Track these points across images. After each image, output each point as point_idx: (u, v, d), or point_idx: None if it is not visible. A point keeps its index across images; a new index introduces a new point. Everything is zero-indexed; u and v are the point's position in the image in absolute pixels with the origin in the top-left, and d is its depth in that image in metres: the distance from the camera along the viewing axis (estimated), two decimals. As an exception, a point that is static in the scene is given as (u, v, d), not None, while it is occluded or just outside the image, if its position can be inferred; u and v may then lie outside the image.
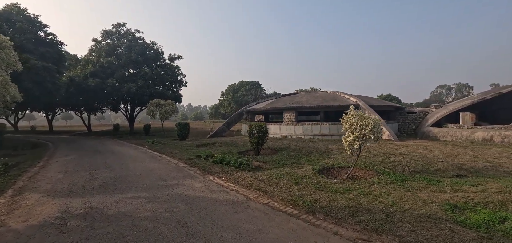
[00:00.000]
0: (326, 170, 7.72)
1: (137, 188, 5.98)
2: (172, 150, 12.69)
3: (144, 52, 27.34)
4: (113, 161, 9.83)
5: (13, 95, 10.91)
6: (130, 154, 11.79)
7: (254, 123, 11.26)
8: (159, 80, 27.60)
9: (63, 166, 9.11)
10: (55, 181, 6.87)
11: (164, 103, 21.18)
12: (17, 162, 10.25)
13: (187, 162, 9.33)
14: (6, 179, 7.11)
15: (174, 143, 16.01)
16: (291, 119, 19.59)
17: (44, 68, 16.01)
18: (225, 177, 7.01)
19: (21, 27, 17.24)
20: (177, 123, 18.53)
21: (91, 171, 8.08)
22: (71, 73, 25.06)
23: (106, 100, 27.58)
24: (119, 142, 18.83)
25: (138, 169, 8.31)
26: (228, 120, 23.16)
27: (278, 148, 12.34)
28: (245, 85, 70.01)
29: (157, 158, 10.52)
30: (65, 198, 5.35)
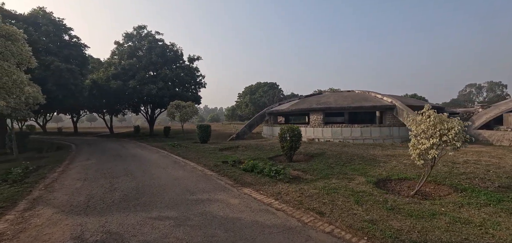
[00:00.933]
0: (383, 183, 6.38)
1: (162, 204, 5.02)
2: (195, 154, 11.82)
3: (164, 53, 27.09)
4: (134, 167, 9.07)
5: (35, 97, 10.56)
6: (152, 159, 11.04)
7: (285, 125, 10.09)
8: (179, 82, 27.24)
9: (83, 172, 8.45)
10: (73, 191, 6.10)
11: (185, 104, 20.58)
12: (38, 166, 9.82)
13: (214, 169, 8.33)
14: (22, 187, 6.48)
15: (196, 146, 15.20)
16: (318, 121, 18.18)
17: (67, 70, 15.89)
18: (263, 190, 5.89)
19: (47, 30, 17.33)
20: (198, 124, 17.77)
21: (111, 179, 7.30)
22: (94, 76, 25.29)
23: (127, 102, 27.63)
24: (140, 144, 18.40)
25: (162, 177, 7.42)
26: (249, 123, 22.16)
27: (311, 153, 11.08)
28: (262, 86, 68.97)
29: (181, 164, 9.65)
30: (80, 216, 4.48)
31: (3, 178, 7.66)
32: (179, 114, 20.43)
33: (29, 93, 9.96)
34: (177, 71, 26.90)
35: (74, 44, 19.65)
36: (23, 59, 5.92)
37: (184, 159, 10.77)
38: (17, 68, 6.17)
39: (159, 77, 25.45)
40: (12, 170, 8.82)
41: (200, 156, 11.19)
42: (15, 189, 6.28)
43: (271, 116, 22.48)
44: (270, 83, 70.70)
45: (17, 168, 8.85)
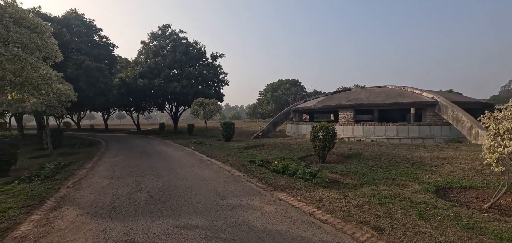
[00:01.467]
0: (443, 192, 5.37)
1: (190, 209, 4.53)
2: (220, 153, 11.41)
3: (188, 51, 27.27)
4: (160, 165, 8.82)
5: (67, 94, 10.78)
6: (177, 157, 10.80)
7: (318, 123, 9.26)
8: (202, 79, 27.27)
9: (110, 169, 8.36)
10: (99, 190, 5.87)
11: (208, 102, 20.40)
12: (70, 162, 9.99)
13: (242, 170, 7.77)
14: (52, 184, 6.41)
15: (220, 144, 14.84)
16: (348, 119, 16.97)
17: (97, 69, 16.37)
18: (300, 196, 5.19)
19: (78, 31, 18.03)
20: (222, 122, 17.45)
21: (137, 177, 7.04)
22: (122, 74, 26.14)
23: (152, 100, 28.28)
24: (165, 141, 18.54)
25: (188, 177, 7.01)
26: (274, 120, 21.44)
27: (345, 153, 10.13)
28: (284, 83, 67.75)
29: (206, 163, 9.24)
30: (104, 220, 4.12)
31: (36, 173, 7.76)
32: (203, 112, 20.30)
33: (60, 90, 10.17)
34: (200, 69, 26.94)
35: (104, 44, 20.34)
36: (49, 53, 5.82)
37: (210, 157, 10.37)
38: (44, 63, 6.10)
39: (183, 75, 25.64)
40: (46, 165, 9.01)
41: (226, 155, 10.73)
42: (45, 186, 6.20)
43: (296, 114, 21.57)
44: (292, 80, 69.22)
45: (50, 164, 9.02)
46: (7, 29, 4.69)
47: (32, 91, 5.96)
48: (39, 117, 15.07)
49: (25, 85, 5.43)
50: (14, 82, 5.16)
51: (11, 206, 4.80)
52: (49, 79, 5.99)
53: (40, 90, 6.16)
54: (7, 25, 4.70)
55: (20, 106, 9.74)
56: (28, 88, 5.67)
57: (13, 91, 6.10)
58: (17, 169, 8.91)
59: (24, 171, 8.75)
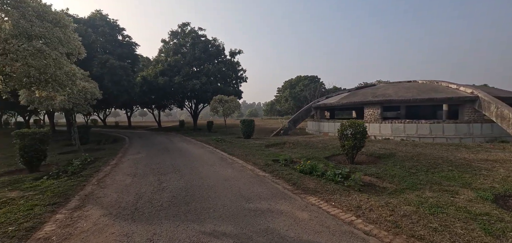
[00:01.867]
0: (503, 200, 4.61)
1: (216, 213, 4.21)
2: (241, 151, 11.10)
3: (207, 49, 27.31)
4: (181, 163, 8.67)
5: (92, 92, 11.00)
6: (198, 154, 10.65)
7: (347, 120, 8.61)
8: (221, 77, 27.22)
9: (133, 166, 8.33)
10: (122, 188, 5.76)
11: (227, 99, 20.23)
12: (95, 158, 10.19)
13: (266, 170, 7.37)
14: (78, 181, 6.43)
15: (240, 142, 14.56)
16: (375, 116, 15.96)
17: (121, 67, 16.75)
18: (334, 200, 4.69)
19: (103, 31, 18.58)
20: (242, 119, 17.18)
21: (159, 175, 6.89)
22: (144, 73, 26.77)
23: (173, 98, 28.71)
24: (185, 138, 18.65)
25: (210, 176, 6.74)
26: (294, 118, 20.82)
27: (375, 153, 9.39)
28: (302, 80, 66.39)
29: (228, 161, 8.96)
30: (127, 222, 3.91)
31: (64, 169, 7.92)
32: (222, 109, 20.17)
33: (85, 88, 10.39)
34: (219, 66, 26.89)
35: (127, 43, 20.84)
36: (73, 49, 5.79)
37: (231, 155, 10.09)
38: (67, 59, 6.10)
39: (202, 72, 25.71)
40: (73, 161, 9.23)
41: (247, 153, 10.40)
42: (71, 183, 6.22)
43: (317, 111, 20.78)
44: (311, 76, 67.63)
45: (77, 160, 9.23)
46: (31, 23, 4.68)
47: (56, 88, 5.98)
48: (67, 114, 15.70)
49: (49, 82, 5.44)
50: (39, 79, 5.16)
51: (38, 203, 4.78)
52: (73, 76, 5.98)
53: (65, 87, 6.17)
54: (30, 19, 4.70)
55: (49, 104, 10.07)
56: (53, 84, 5.68)
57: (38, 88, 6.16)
58: (47, 164, 9.21)
59: (53, 166, 9.03)
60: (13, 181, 6.68)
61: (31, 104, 10.00)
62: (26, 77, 4.99)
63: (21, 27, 4.44)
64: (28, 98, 9.84)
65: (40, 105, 10.08)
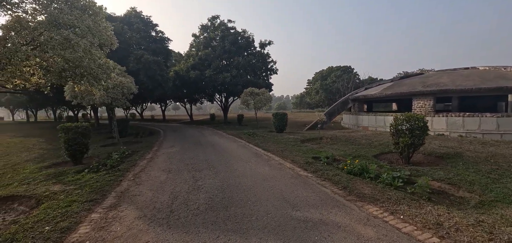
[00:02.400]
0: None
1: (259, 221, 3.61)
2: (275, 146, 10.45)
3: (236, 41, 26.92)
4: (215, 158, 8.30)
5: (129, 87, 11.18)
6: (231, 149, 10.24)
7: (404, 114, 7.41)
8: (251, 69, 26.70)
9: (168, 161, 8.18)
10: (157, 186, 5.48)
11: (258, 92, 19.63)
12: (133, 151, 10.37)
13: (307, 169, 6.61)
14: (115, 175, 6.37)
15: (273, 136, 13.91)
16: (426, 108, 14.08)
17: (155, 62, 17.10)
18: (401, 212, 3.80)
19: (138, 28, 19.15)
20: (274, 113, 16.47)
21: (194, 172, 6.55)
22: (176, 68, 27.40)
23: (203, 91, 29.03)
24: (216, 131, 18.58)
25: (247, 174, 6.20)
26: (329, 111, 19.50)
27: (435, 152, 8.05)
28: (334, 71, 63.18)
29: (263, 158, 8.36)
30: (162, 227, 3.51)
31: (103, 163, 8.06)
32: (253, 102, 19.67)
33: (122, 83, 10.57)
34: (249, 58, 26.38)
35: (160, 38, 21.30)
36: (104, 39, 5.64)
37: (266, 151, 9.48)
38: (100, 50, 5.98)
39: (232, 65, 25.45)
40: (112, 154, 9.44)
41: (283, 148, 9.71)
42: (109, 177, 6.16)
43: (355, 103, 19.18)
44: (344, 67, 64.03)
45: (115, 153, 9.42)
46: (60, 10, 4.55)
47: (91, 81, 5.91)
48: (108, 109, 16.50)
49: (84, 75, 5.35)
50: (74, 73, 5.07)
51: (76, 199, 4.68)
52: (107, 69, 5.84)
53: (99, 80, 6.08)
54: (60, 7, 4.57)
55: (91, 99, 10.44)
56: (87, 78, 5.59)
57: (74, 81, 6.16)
58: (89, 157, 9.56)
59: (95, 159, 9.33)
60: (58, 173, 6.88)
61: (75, 99, 10.49)
62: (62, 71, 4.92)
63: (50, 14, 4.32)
64: (72, 94, 10.32)
65: (83, 100, 10.52)
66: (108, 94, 10.45)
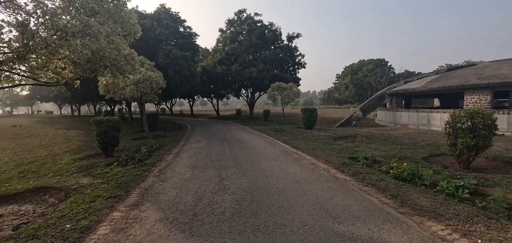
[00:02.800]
0: None
1: (294, 234, 3.05)
2: (305, 143, 9.74)
3: (263, 35, 26.29)
4: (242, 155, 7.88)
5: (157, 81, 11.23)
6: (258, 146, 9.76)
7: (463, 110, 6.25)
8: (278, 63, 25.94)
9: (193, 157, 7.94)
10: (181, 184, 5.18)
11: (286, 86, 18.87)
12: (161, 145, 10.41)
13: (344, 171, 5.85)
14: (141, 170, 6.25)
15: (302, 133, 13.15)
16: (483, 103, 12.21)
17: (183, 57, 17.23)
18: (478, 235, 2.95)
19: (167, 24, 19.50)
20: (303, 108, 15.64)
21: (219, 170, 6.17)
22: (203, 63, 27.67)
23: (230, 86, 28.98)
24: (243, 127, 18.28)
25: (277, 175, 5.65)
26: (363, 106, 18.08)
27: (502, 157, 6.72)
28: (366, 64, 59.48)
29: (293, 156, 7.73)
30: (184, 235, 3.12)
31: (132, 156, 8.12)
32: (280, 97, 18.98)
33: (151, 77, 10.62)
34: (276, 52, 25.59)
35: (188, 34, 21.51)
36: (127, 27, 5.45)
37: (296, 149, 8.82)
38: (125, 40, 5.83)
39: (259, 59, 24.92)
40: (141, 148, 9.53)
41: (314, 146, 8.97)
42: (135, 172, 6.05)
43: (393, 99, 17.49)
44: (377, 60, 59.92)
45: (144, 147, 9.50)
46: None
47: (115, 73, 5.79)
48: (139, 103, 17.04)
49: (108, 66, 5.22)
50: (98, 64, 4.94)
51: (101, 195, 4.55)
52: (132, 60, 5.67)
53: (124, 72, 5.95)
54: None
55: (122, 93, 10.68)
56: (111, 69, 5.46)
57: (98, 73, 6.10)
58: (120, 150, 9.77)
59: (124, 152, 9.50)
60: (89, 166, 7.00)
61: (107, 94, 10.83)
62: (88, 62, 4.82)
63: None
64: (105, 88, 10.65)
65: (115, 94, 10.81)
66: (137, 88, 10.58)
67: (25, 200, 5.12)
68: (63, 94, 32.08)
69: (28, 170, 7.30)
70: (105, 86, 10.66)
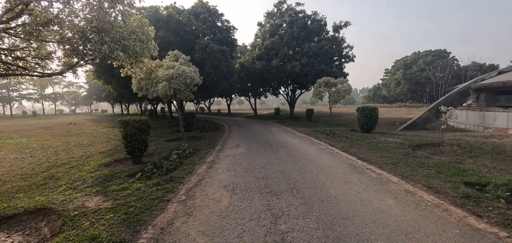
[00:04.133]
0: None
1: None
2: (375, 154, 7.31)
3: (306, 26, 23.77)
4: (295, 171, 5.87)
5: (192, 77, 9.91)
6: (312, 156, 7.64)
7: None
8: (323, 57, 23.18)
9: (232, 169, 6.23)
10: (214, 225, 3.40)
11: (335, 82, 16.21)
12: (195, 149, 9.06)
13: (478, 213, 3.44)
14: (165, 189, 4.72)
15: (362, 138, 10.58)
16: None
17: (220, 51, 15.92)
18: None
19: (204, 18, 18.44)
20: (360, 107, 12.89)
21: (269, 196, 4.28)
22: (241, 60, 26.33)
23: (270, 83, 27.18)
24: (285, 128, 16.23)
25: (362, 214, 3.53)
26: (435, 105, 14.46)
27: None
28: (422, 56, 52.01)
29: (368, 174, 5.45)
30: None
31: (160, 163, 6.81)
32: (328, 94, 16.42)
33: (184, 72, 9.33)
34: (322, 43, 22.87)
35: (226, 28, 20.27)
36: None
37: (367, 163, 6.45)
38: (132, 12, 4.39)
39: (302, 52, 22.53)
40: (172, 153, 8.25)
41: (391, 159, 6.51)
42: (157, 192, 4.54)
43: (481, 95, 13.55)
44: (436, 51, 51.97)
45: (175, 153, 8.19)
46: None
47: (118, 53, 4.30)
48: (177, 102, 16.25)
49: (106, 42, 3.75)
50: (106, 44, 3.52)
51: (98, 236, 3.04)
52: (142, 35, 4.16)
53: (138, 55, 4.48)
54: None
55: (154, 90, 9.60)
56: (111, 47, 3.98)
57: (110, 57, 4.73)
58: (150, 154, 8.64)
59: (155, 157, 8.33)
60: (110, 176, 5.79)
61: (140, 91, 9.88)
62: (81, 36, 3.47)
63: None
64: (137, 86, 9.70)
65: (148, 92, 9.82)
66: (170, 85, 9.37)
67: (19, 225, 3.95)
68: (112, 94, 34.09)
69: (53, 175, 6.43)
70: (138, 83, 9.70)
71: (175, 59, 10.78)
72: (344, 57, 24.57)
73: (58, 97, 64.92)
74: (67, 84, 65.00)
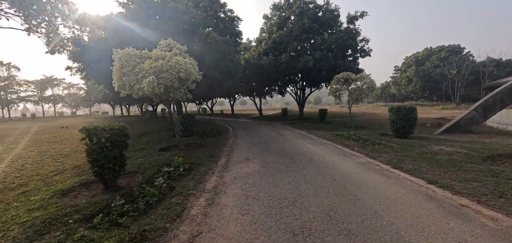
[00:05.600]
0: None
1: None
2: (444, 172, 5.08)
3: (317, 17, 21.51)
4: (340, 204, 3.66)
5: (187, 70, 7.74)
6: (353, 174, 5.42)
7: None
8: (338, 50, 20.92)
9: (245, 205, 4.04)
10: None
11: (356, 78, 13.94)
12: (192, 163, 6.93)
13: None
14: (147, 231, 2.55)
15: (406, 146, 8.31)
16: None
17: (223, 42, 13.77)
18: None
19: (204, 6, 16.32)
20: (395, 107, 10.56)
21: None
22: (246, 55, 24.15)
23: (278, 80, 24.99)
24: (298, 131, 14.01)
25: None
26: (483, 103, 12.10)
27: None
28: (435, 52, 49.29)
29: (465, 213, 3.21)
30: None
31: (136, 193, 4.68)
32: (348, 92, 14.17)
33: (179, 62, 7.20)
34: (337, 35, 20.61)
35: (229, 18, 18.12)
36: None
37: (453, 193, 4.20)
38: None
39: (315, 46, 20.28)
40: (161, 172, 6.11)
41: (485, 184, 4.26)
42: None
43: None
44: (450, 46, 49.25)
45: (165, 170, 6.05)
46: None
47: None
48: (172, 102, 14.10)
49: None
50: None
51: None
52: None
53: None
54: None
55: (139, 89, 7.46)
56: None
57: None
58: (131, 173, 6.49)
59: (136, 177, 6.19)
60: (51, 222, 3.65)
61: (123, 90, 7.76)
62: None
63: None
64: (119, 83, 7.58)
65: (132, 92, 7.69)
66: (159, 80, 7.22)
67: None
68: (108, 95, 32.18)
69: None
70: (119, 79, 7.57)
71: (169, 49, 8.64)
72: (360, 51, 22.25)
73: (58, 100, 63.46)
74: (67, 86, 63.52)
